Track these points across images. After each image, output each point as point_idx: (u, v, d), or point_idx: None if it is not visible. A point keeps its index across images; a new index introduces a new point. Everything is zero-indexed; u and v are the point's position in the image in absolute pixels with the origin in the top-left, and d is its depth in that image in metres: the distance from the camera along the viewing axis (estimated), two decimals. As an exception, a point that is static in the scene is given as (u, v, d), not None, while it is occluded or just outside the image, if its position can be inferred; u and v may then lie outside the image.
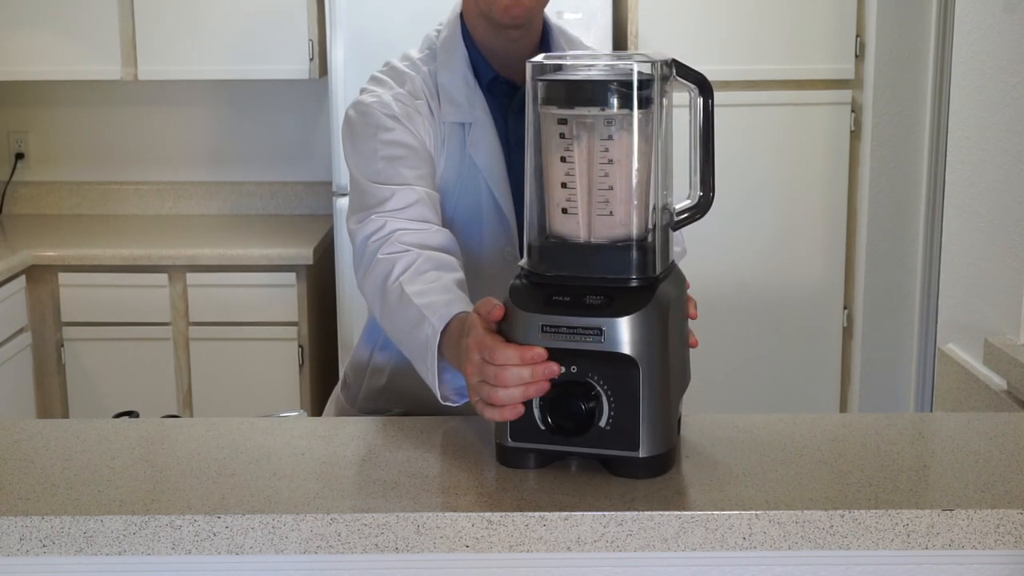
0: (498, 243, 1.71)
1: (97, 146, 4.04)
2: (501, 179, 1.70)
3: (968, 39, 2.20)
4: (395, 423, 1.40)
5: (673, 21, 3.50)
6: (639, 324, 1.17)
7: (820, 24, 3.50)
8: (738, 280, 3.63)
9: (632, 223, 1.25)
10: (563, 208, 1.26)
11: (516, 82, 1.71)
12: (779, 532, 1.13)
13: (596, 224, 1.25)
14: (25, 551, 1.14)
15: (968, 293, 2.20)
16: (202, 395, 3.41)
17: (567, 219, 1.25)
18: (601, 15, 3.39)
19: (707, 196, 1.33)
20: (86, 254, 3.36)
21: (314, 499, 1.17)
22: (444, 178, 1.70)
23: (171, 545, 1.13)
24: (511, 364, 1.18)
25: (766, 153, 3.57)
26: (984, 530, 1.13)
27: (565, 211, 1.25)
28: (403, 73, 1.70)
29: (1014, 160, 2.00)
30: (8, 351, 3.21)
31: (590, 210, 1.25)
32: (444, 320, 1.34)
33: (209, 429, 1.40)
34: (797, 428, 1.37)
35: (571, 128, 1.24)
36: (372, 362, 1.79)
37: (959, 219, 2.25)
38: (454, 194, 1.70)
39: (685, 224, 1.33)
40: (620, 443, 1.19)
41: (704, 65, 1.45)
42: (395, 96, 1.66)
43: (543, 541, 1.13)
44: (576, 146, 1.24)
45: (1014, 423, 1.39)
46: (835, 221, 3.60)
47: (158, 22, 3.59)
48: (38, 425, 1.43)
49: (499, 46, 1.70)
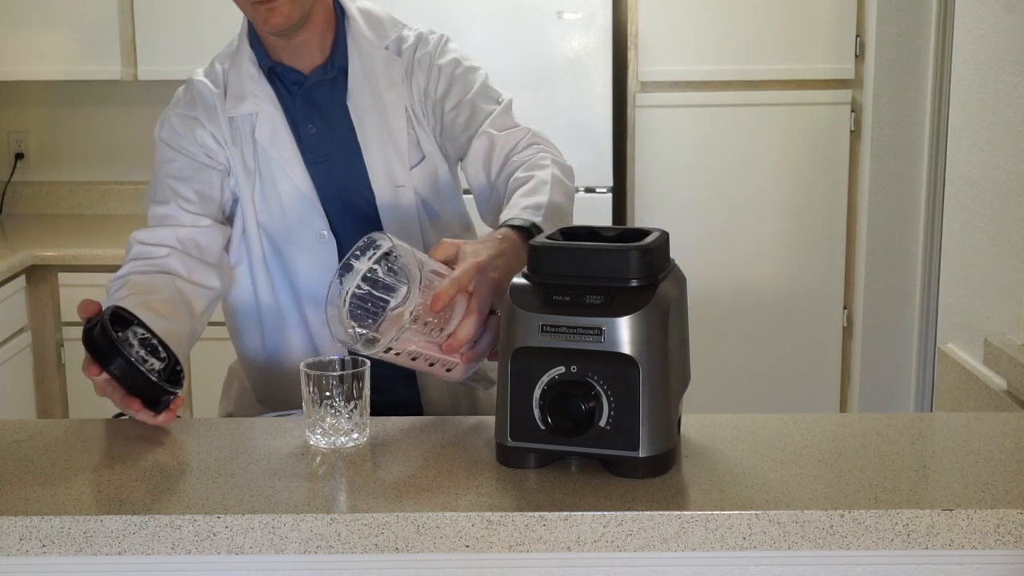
0: (312, 227, 1.75)
1: (97, 146, 4.04)
2: (294, 163, 1.75)
3: (968, 39, 2.21)
4: (394, 423, 1.40)
5: (673, 21, 3.50)
6: (639, 324, 1.17)
7: (820, 24, 3.50)
8: (738, 280, 3.63)
9: None
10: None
11: (300, 69, 1.75)
12: (779, 532, 1.13)
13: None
14: (25, 551, 1.14)
15: (968, 293, 2.20)
16: (202, 395, 3.41)
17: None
18: (601, 15, 3.39)
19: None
20: (86, 254, 3.36)
21: (314, 499, 1.17)
22: (239, 171, 1.76)
23: (171, 545, 1.14)
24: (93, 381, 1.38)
25: (766, 153, 3.57)
26: (984, 530, 1.13)
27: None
28: (191, 83, 1.79)
29: (1014, 160, 2.00)
30: (8, 351, 3.21)
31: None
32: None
33: (209, 429, 1.40)
34: (797, 428, 1.37)
35: None
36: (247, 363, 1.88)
37: (959, 219, 2.25)
38: (254, 185, 1.76)
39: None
40: (620, 443, 1.19)
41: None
42: (177, 113, 1.77)
43: (543, 541, 1.13)
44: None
45: (1014, 423, 1.39)
46: (835, 221, 3.60)
47: (158, 22, 3.59)
48: (38, 425, 1.43)
49: (276, 42, 1.74)
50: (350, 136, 1.75)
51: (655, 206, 3.60)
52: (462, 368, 1.39)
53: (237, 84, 1.75)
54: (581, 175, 3.52)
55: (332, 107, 1.75)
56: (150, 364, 1.39)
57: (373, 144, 1.74)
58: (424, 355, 1.34)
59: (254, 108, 1.74)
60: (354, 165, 1.75)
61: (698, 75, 3.52)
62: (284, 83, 1.75)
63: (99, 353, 1.37)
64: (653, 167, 3.58)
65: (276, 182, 1.74)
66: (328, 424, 1.32)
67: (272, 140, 1.74)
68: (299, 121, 1.75)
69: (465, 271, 1.32)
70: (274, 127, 1.74)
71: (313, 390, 1.32)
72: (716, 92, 3.53)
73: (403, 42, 1.79)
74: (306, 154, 1.75)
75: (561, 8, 3.40)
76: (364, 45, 1.76)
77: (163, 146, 1.78)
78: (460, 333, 1.32)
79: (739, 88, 3.53)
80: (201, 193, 1.74)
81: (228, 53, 1.79)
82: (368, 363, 1.34)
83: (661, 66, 3.52)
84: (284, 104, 1.75)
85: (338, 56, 1.75)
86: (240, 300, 1.81)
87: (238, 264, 1.78)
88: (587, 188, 3.48)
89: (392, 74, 1.76)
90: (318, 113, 1.75)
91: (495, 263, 1.37)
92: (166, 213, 1.73)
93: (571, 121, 3.43)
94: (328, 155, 1.75)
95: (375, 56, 1.76)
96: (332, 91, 1.75)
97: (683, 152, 3.58)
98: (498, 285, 1.35)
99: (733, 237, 3.61)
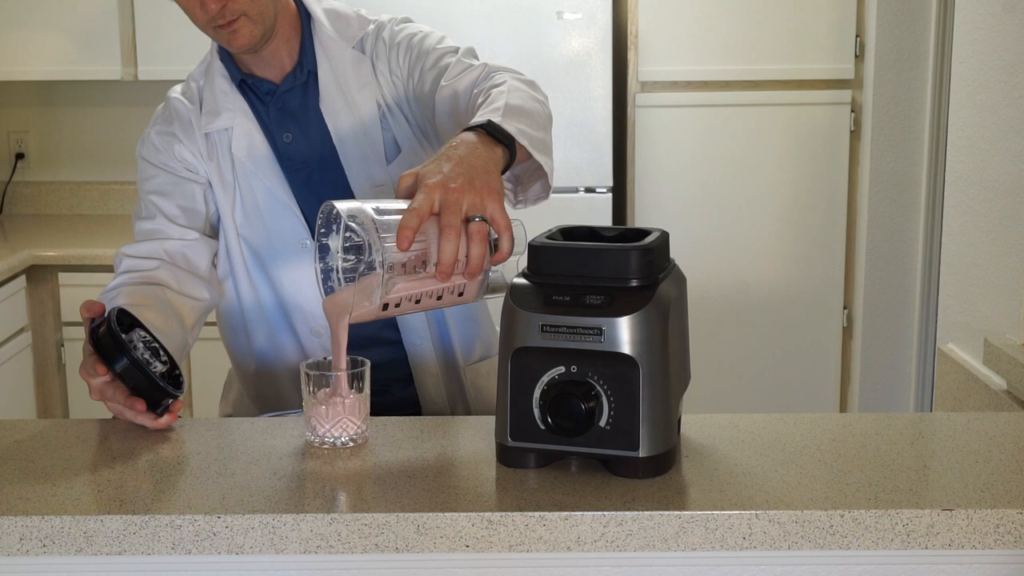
0: (294, 236, 1.74)
1: (97, 146, 4.04)
2: (272, 171, 1.74)
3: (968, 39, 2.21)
4: (395, 423, 1.40)
5: (673, 21, 3.50)
6: (639, 324, 1.17)
7: (820, 24, 3.50)
8: (738, 280, 3.63)
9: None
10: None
11: (270, 79, 1.75)
12: (779, 532, 1.13)
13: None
14: (25, 551, 1.14)
15: (968, 293, 2.20)
16: (202, 395, 3.41)
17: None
18: (601, 15, 3.39)
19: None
20: (86, 254, 3.36)
21: (314, 499, 1.17)
22: (218, 186, 1.76)
23: (171, 545, 1.14)
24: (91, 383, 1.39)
25: (766, 153, 3.57)
26: (984, 530, 1.13)
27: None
28: (168, 100, 1.80)
29: (1014, 160, 2.00)
30: (8, 351, 3.21)
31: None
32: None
33: (209, 429, 1.40)
34: (797, 428, 1.37)
35: None
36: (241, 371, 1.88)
37: (959, 219, 2.25)
38: (233, 199, 1.75)
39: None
40: (620, 443, 1.19)
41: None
42: (156, 131, 1.78)
43: (543, 541, 1.13)
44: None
45: (1014, 423, 1.39)
46: (835, 221, 3.61)
47: (158, 22, 3.59)
48: (38, 425, 1.43)
49: (244, 56, 1.73)
50: (326, 140, 1.74)
51: (655, 206, 3.60)
52: (473, 287, 1.33)
53: (211, 100, 1.75)
54: (581, 175, 3.55)
55: (306, 113, 1.74)
56: (153, 366, 1.39)
57: (349, 145, 1.73)
58: (425, 293, 1.29)
59: (229, 122, 1.74)
60: (332, 169, 1.74)
61: (698, 75, 3.52)
62: (256, 94, 1.75)
63: (106, 352, 1.37)
64: (653, 167, 3.58)
65: (255, 194, 1.74)
66: (328, 424, 1.32)
67: (249, 153, 1.73)
68: (275, 131, 1.74)
69: (419, 199, 1.23)
70: (250, 139, 1.73)
71: (313, 390, 1.32)
72: (716, 92, 3.53)
73: (367, 38, 1.77)
74: (284, 163, 1.74)
75: (561, 8, 3.40)
76: (331, 47, 1.75)
77: (144, 163, 1.79)
78: (443, 257, 1.23)
79: (739, 88, 3.53)
80: (185, 207, 1.75)
81: (201, 70, 1.79)
82: (368, 363, 1.34)
83: (661, 66, 3.52)
84: (258, 115, 1.75)
85: (306, 60, 1.74)
86: (228, 309, 1.81)
87: (225, 278, 1.78)
88: (587, 188, 3.48)
89: (361, 73, 1.75)
90: (293, 120, 1.75)
91: (452, 172, 1.27)
92: (153, 228, 1.74)
93: (571, 121, 3.43)
94: (306, 162, 1.74)
95: (343, 57, 1.75)
96: (305, 96, 1.74)
97: (683, 152, 3.58)
98: (464, 192, 1.26)
99: (733, 237, 3.61)
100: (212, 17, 1.62)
